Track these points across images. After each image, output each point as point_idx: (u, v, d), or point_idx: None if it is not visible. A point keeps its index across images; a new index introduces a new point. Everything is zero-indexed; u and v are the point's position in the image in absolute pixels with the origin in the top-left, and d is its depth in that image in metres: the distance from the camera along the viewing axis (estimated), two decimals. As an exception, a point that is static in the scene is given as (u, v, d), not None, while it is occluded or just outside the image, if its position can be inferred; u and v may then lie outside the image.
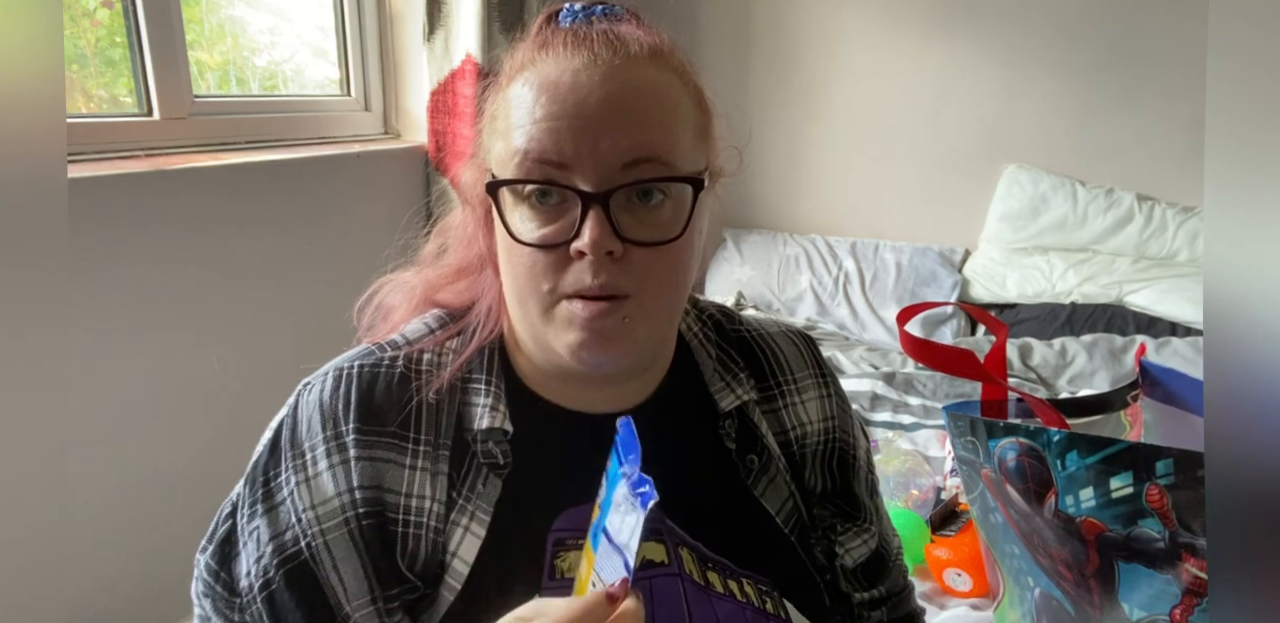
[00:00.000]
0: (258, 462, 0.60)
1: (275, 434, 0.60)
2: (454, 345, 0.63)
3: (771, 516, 0.66)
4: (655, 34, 0.60)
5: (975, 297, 2.61)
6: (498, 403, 0.61)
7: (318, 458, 0.58)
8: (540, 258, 0.55)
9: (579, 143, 0.53)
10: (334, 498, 0.57)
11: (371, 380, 0.60)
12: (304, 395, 0.61)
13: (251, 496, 0.59)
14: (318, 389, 0.60)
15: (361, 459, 0.57)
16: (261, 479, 0.59)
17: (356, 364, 0.61)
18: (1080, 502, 0.48)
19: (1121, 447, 0.46)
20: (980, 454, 0.53)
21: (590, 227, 0.53)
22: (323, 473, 0.57)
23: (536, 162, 0.54)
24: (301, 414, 0.60)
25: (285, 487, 0.58)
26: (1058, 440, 0.48)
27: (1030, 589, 0.55)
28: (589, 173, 0.53)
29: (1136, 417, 0.59)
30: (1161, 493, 0.44)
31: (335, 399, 0.59)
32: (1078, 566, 0.50)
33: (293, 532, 0.57)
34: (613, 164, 0.53)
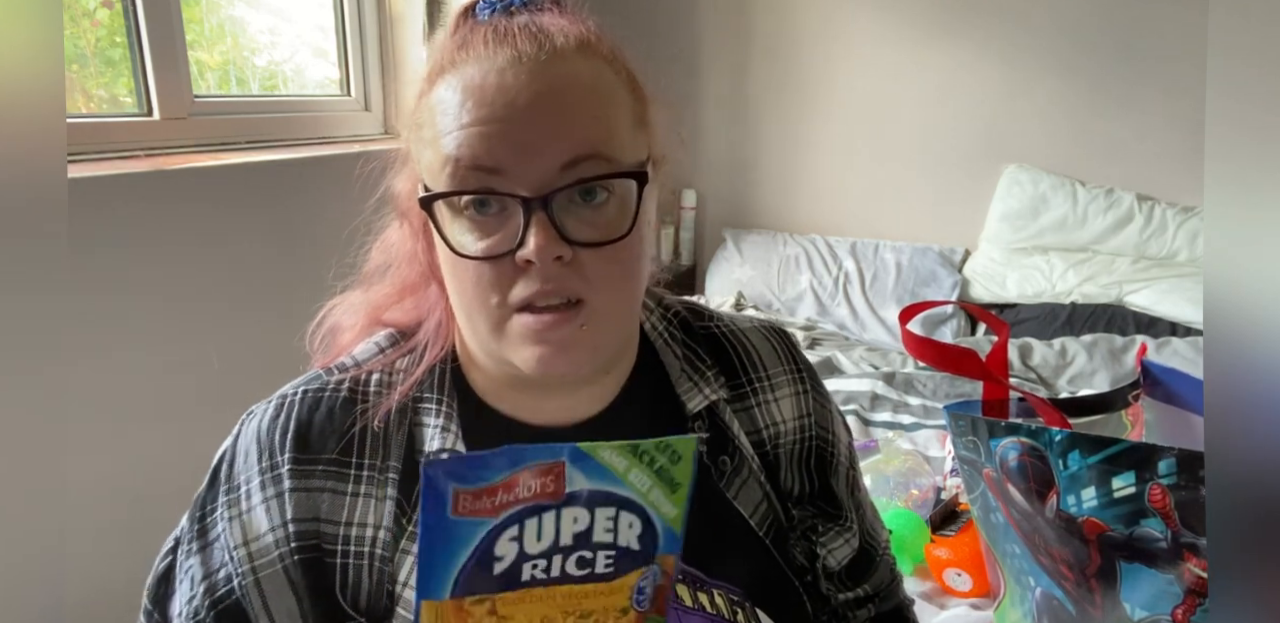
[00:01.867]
0: (199, 496, 0.59)
1: (216, 465, 0.59)
2: (404, 365, 0.61)
3: (745, 518, 0.64)
4: (580, 21, 0.57)
5: (975, 297, 2.61)
6: (449, 423, 0.59)
7: (251, 492, 0.57)
8: (486, 271, 0.52)
9: (512, 146, 0.51)
10: (267, 534, 0.55)
11: (314, 406, 0.59)
12: (246, 424, 0.60)
13: (190, 531, 0.58)
14: (258, 419, 0.59)
15: (297, 491, 0.56)
16: (199, 514, 0.58)
17: (301, 390, 0.60)
18: (1082, 501, 0.48)
19: (1124, 446, 0.46)
20: (982, 454, 0.53)
21: (534, 233, 0.50)
22: (255, 508, 0.56)
23: (470, 169, 0.51)
24: (240, 445, 0.59)
25: (219, 523, 0.57)
26: (1060, 440, 0.48)
27: (1031, 589, 0.55)
28: (526, 177, 0.51)
29: (1138, 416, 0.59)
30: (1164, 493, 0.44)
31: (273, 429, 0.58)
32: (1079, 565, 0.50)
33: (225, 570, 0.55)
34: (550, 165, 0.51)
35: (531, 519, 0.42)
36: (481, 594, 0.43)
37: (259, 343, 1.61)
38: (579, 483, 0.43)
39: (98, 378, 1.39)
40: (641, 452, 0.44)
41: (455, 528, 0.42)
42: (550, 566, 0.44)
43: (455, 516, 0.41)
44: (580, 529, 0.43)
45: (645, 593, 0.46)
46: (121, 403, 1.43)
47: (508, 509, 0.42)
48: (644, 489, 0.44)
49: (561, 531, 0.43)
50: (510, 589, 0.43)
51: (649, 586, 0.47)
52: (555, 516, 0.43)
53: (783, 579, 0.65)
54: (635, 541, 0.45)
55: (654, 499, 0.45)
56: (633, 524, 0.45)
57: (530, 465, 0.42)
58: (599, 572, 0.44)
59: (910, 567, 1.37)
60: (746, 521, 0.64)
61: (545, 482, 0.42)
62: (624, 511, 0.44)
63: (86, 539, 1.38)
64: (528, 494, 0.42)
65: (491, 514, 0.42)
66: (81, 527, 1.38)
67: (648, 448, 0.44)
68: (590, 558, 0.44)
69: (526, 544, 0.43)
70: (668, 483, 0.45)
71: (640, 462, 0.44)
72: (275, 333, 1.60)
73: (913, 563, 1.37)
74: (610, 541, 0.44)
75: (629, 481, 0.44)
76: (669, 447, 0.45)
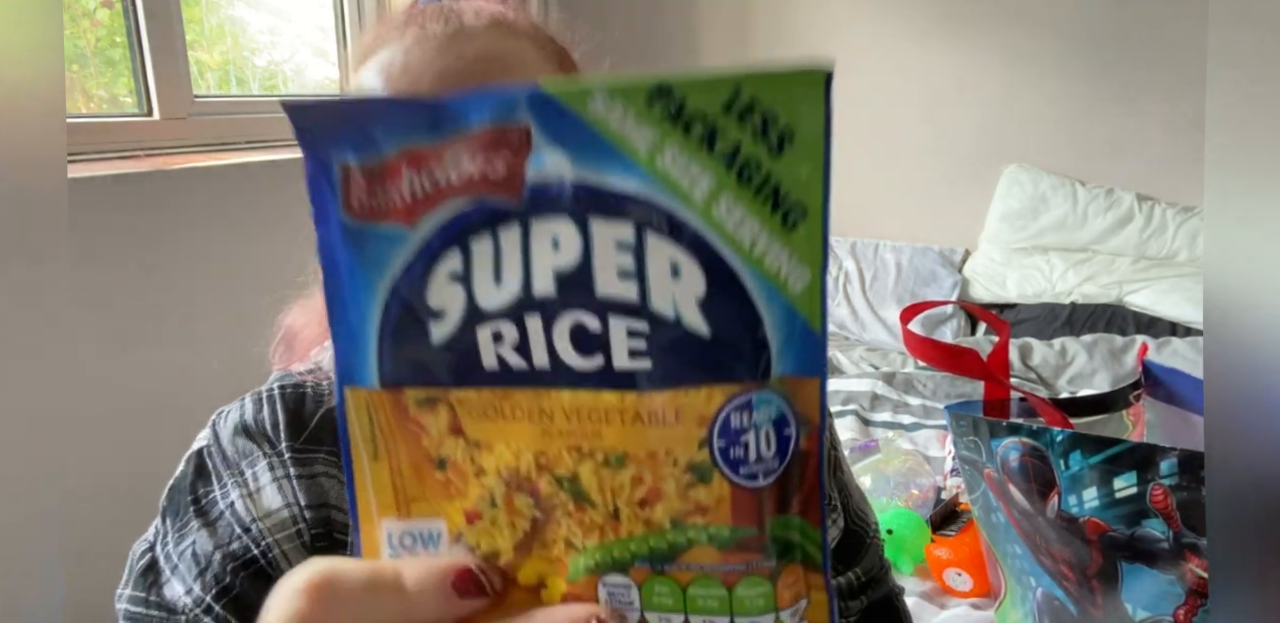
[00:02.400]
0: (178, 488, 0.56)
1: (199, 459, 0.56)
2: None
3: None
4: (502, 2, 0.56)
5: (975, 297, 2.61)
6: None
7: (259, 474, 0.54)
8: None
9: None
10: (283, 509, 0.53)
11: (298, 399, 0.57)
12: (223, 418, 0.57)
13: (178, 520, 0.54)
14: (237, 413, 0.57)
15: (302, 478, 0.54)
16: (187, 501, 0.55)
17: (276, 386, 0.58)
18: (1084, 502, 0.48)
19: (1125, 447, 0.46)
20: (983, 454, 0.53)
21: None
22: (266, 487, 0.54)
23: None
24: (225, 437, 0.56)
25: (222, 501, 0.54)
26: (1061, 440, 0.48)
27: (1032, 589, 0.55)
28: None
29: (1139, 417, 0.59)
30: (1166, 493, 0.44)
31: (261, 420, 0.56)
32: (1080, 566, 0.50)
33: (241, 542, 0.52)
34: None
35: (480, 240, 0.24)
36: (427, 387, 0.25)
37: (258, 343, 1.61)
38: (554, 168, 0.23)
39: (97, 379, 1.39)
40: (681, 104, 0.22)
41: (355, 243, 0.25)
42: (527, 339, 0.24)
43: (349, 216, 0.25)
44: (567, 263, 0.24)
45: (747, 445, 0.24)
46: (122, 403, 1.43)
47: (430, 212, 0.24)
48: (698, 186, 0.23)
49: (534, 263, 0.24)
50: (469, 383, 0.25)
51: (758, 431, 0.24)
52: (520, 233, 0.24)
53: None
54: (695, 309, 0.23)
55: (725, 215, 0.23)
56: (680, 269, 0.23)
57: (464, 127, 0.24)
58: (621, 367, 0.24)
59: (910, 567, 1.37)
60: None
61: (492, 161, 0.24)
62: (654, 235, 0.23)
63: (87, 540, 1.39)
64: (461, 182, 0.24)
65: (407, 220, 0.25)
66: (82, 527, 1.38)
67: (698, 94, 0.22)
68: (600, 330, 0.24)
69: (478, 289, 0.24)
70: (754, 180, 0.23)
71: (679, 128, 0.22)
72: (275, 333, 1.61)
73: (913, 563, 1.37)
74: (633, 298, 0.23)
75: (657, 169, 0.23)
76: (757, 86, 0.22)
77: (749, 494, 0.24)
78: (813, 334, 0.24)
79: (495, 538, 0.26)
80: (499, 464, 0.25)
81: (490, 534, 0.26)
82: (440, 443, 0.26)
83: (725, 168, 0.23)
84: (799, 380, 0.24)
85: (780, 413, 0.24)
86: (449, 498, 0.26)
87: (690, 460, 0.24)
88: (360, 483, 0.27)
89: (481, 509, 0.26)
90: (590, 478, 0.25)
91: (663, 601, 0.25)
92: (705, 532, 0.25)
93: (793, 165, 0.23)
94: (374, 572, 0.25)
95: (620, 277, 0.23)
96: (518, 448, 0.25)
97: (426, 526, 0.27)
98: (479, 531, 0.26)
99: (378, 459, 0.26)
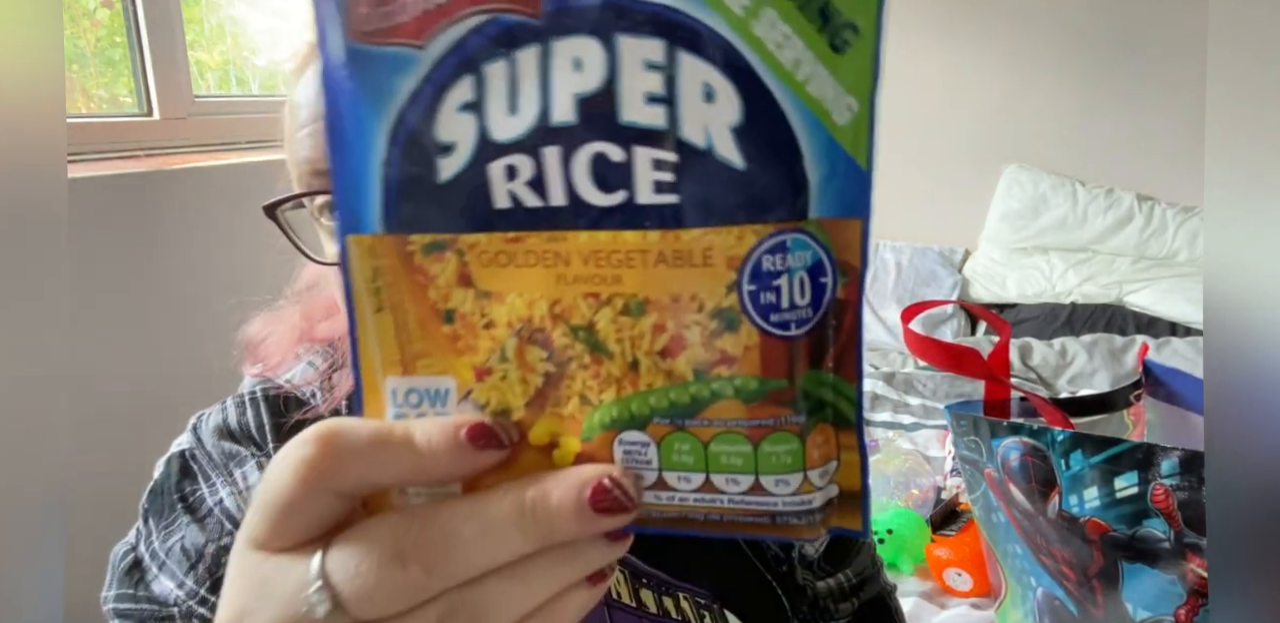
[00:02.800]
0: (160, 489, 0.54)
1: (182, 462, 0.55)
2: (339, 379, 0.59)
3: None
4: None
5: (975, 297, 2.61)
6: None
7: (248, 473, 0.53)
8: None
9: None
10: None
11: (279, 403, 0.56)
12: (202, 425, 0.57)
13: (163, 519, 0.53)
14: (219, 416, 0.56)
15: None
16: (174, 498, 0.53)
17: (259, 389, 0.57)
18: (1084, 502, 0.48)
19: (1126, 446, 0.45)
20: (983, 454, 0.53)
21: None
22: (256, 485, 0.52)
23: (310, 174, 0.48)
24: (208, 440, 0.55)
25: (210, 498, 0.53)
26: (1062, 440, 0.48)
27: (1033, 589, 0.55)
28: None
29: (1140, 416, 0.59)
30: (1167, 493, 0.44)
31: (245, 423, 0.55)
32: (1081, 566, 0.50)
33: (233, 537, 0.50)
34: None
35: (494, 63, 0.22)
36: (434, 232, 0.23)
37: (259, 343, 1.61)
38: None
39: (98, 378, 1.39)
40: None
41: (360, 68, 0.23)
42: (543, 174, 0.22)
43: (353, 38, 0.22)
44: (590, 87, 0.21)
45: (779, 290, 0.22)
46: (122, 403, 1.43)
47: (445, 28, 0.22)
48: (734, 1, 0.21)
49: (554, 88, 0.22)
50: (479, 227, 0.23)
51: (791, 276, 0.22)
52: (539, 53, 0.22)
53: (755, 576, 0.62)
54: (729, 137, 0.21)
55: (767, 32, 0.21)
56: (715, 93, 0.21)
57: None
58: (645, 203, 0.22)
59: (910, 567, 1.37)
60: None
61: None
62: (687, 53, 0.21)
63: (87, 540, 1.38)
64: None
65: (415, 39, 0.22)
66: (82, 528, 1.38)
67: None
68: (624, 161, 0.22)
69: (491, 119, 0.22)
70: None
71: None
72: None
73: (913, 563, 1.37)
74: (661, 125, 0.21)
75: None
76: None
77: (780, 344, 0.23)
78: (858, 171, 0.22)
79: (506, 395, 0.24)
80: (510, 315, 0.23)
81: (500, 391, 0.24)
82: (448, 294, 0.24)
83: None
84: (839, 223, 0.22)
85: (817, 258, 0.23)
86: (457, 353, 0.24)
87: (717, 306, 0.22)
88: (363, 339, 0.25)
89: (491, 364, 0.24)
90: (608, 327, 0.23)
91: (682, 459, 0.23)
92: (731, 384, 0.23)
93: None
94: (382, 427, 0.24)
95: (648, 101, 0.21)
96: (531, 297, 0.23)
97: (433, 383, 0.25)
98: (489, 387, 0.24)
99: (381, 311, 0.24)
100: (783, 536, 0.24)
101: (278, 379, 0.60)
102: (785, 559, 0.65)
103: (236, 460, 0.54)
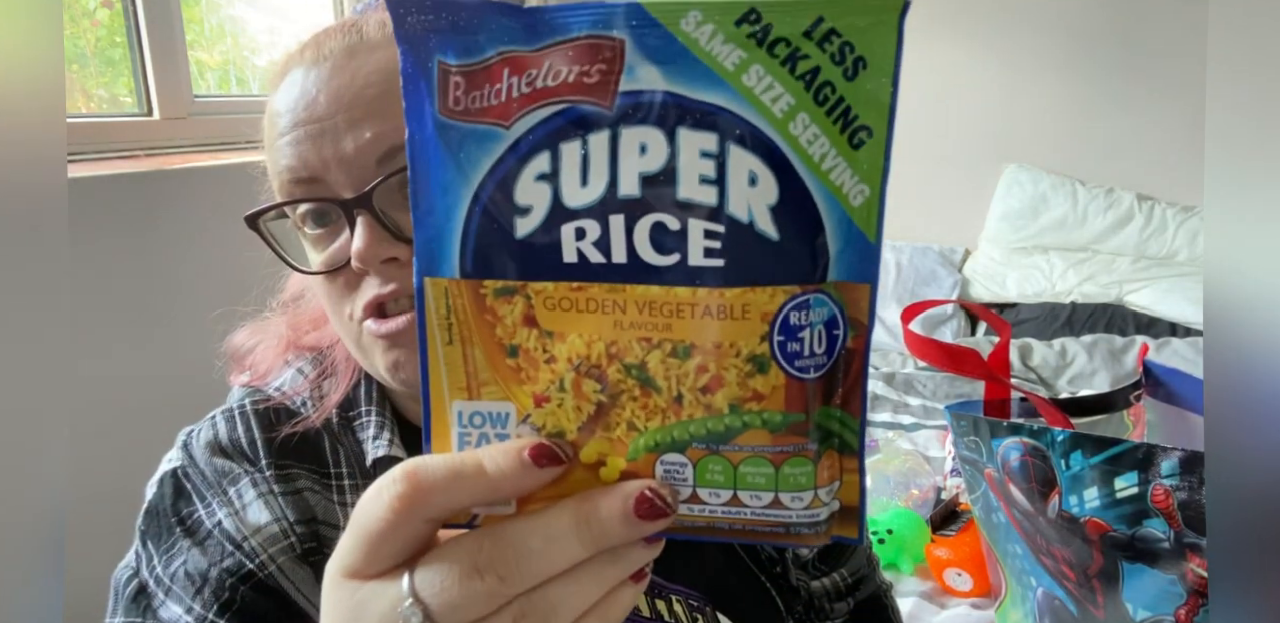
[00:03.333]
0: (156, 510, 0.54)
1: (175, 481, 0.54)
2: (328, 387, 0.59)
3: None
4: (367, 19, 0.52)
5: (975, 297, 2.61)
6: (381, 432, 0.56)
7: (242, 491, 0.53)
8: (332, 286, 0.50)
9: (320, 149, 0.47)
10: (271, 524, 0.52)
11: (270, 416, 0.56)
12: (194, 438, 0.56)
13: (162, 542, 0.52)
14: (209, 431, 0.56)
15: (288, 493, 0.53)
16: (172, 521, 0.53)
17: (248, 402, 0.57)
18: (1084, 502, 0.48)
19: (1126, 446, 0.45)
20: (983, 454, 0.53)
21: (360, 236, 0.46)
22: (252, 503, 0.52)
23: (292, 184, 0.48)
24: (200, 457, 0.55)
25: (209, 520, 0.52)
26: (1062, 440, 0.48)
27: (1033, 589, 0.55)
28: (342, 179, 0.47)
29: (1140, 416, 0.59)
30: (1167, 493, 0.44)
31: (236, 438, 0.55)
32: (1081, 566, 0.50)
33: (235, 559, 0.51)
34: (365, 163, 0.47)
35: (570, 144, 0.26)
36: (506, 280, 0.27)
37: (259, 343, 1.61)
38: (646, 80, 0.25)
39: (98, 378, 1.39)
40: (767, 27, 0.25)
41: (448, 140, 0.27)
42: (608, 237, 0.26)
43: (445, 116, 0.27)
44: (653, 168, 0.26)
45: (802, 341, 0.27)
46: (122, 404, 1.43)
47: (528, 112, 0.26)
48: (778, 104, 0.25)
49: (621, 167, 0.26)
50: (547, 277, 0.27)
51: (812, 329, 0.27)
52: (609, 138, 0.26)
53: (748, 577, 0.63)
54: (766, 215, 0.26)
55: (800, 131, 0.25)
56: (757, 178, 0.26)
57: (562, 37, 0.26)
58: (696, 265, 0.26)
59: (910, 567, 1.37)
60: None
61: (586, 70, 0.26)
62: (736, 146, 0.26)
63: (87, 541, 1.39)
64: (556, 88, 0.26)
65: (502, 120, 0.26)
66: (82, 528, 1.38)
67: (783, 19, 0.25)
68: (679, 230, 0.26)
69: (565, 189, 0.26)
70: (828, 101, 0.25)
71: (765, 50, 0.25)
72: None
73: (913, 563, 1.37)
74: (712, 202, 0.26)
75: (743, 86, 0.25)
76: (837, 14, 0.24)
77: (801, 384, 0.27)
78: (869, 245, 0.27)
79: (561, 419, 0.28)
80: (570, 352, 0.28)
81: (556, 416, 0.28)
82: (513, 332, 0.28)
83: (804, 88, 0.25)
84: (852, 286, 0.27)
85: (833, 314, 0.27)
86: (519, 382, 0.28)
87: (751, 352, 0.27)
88: (434, 365, 0.28)
89: (550, 393, 0.28)
90: (658, 366, 0.27)
91: (715, 477, 0.28)
92: (760, 416, 0.27)
93: (864, 90, 0.25)
94: (454, 458, 0.27)
95: (701, 182, 0.26)
96: (590, 337, 0.27)
97: (496, 407, 0.28)
98: (545, 412, 0.28)
99: (451, 344, 0.28)
100: (794, 542, 0.29)
101: (267, 388, 0.59)
102: (779, 561, 0.65)
103: (229, 478, 0.54)
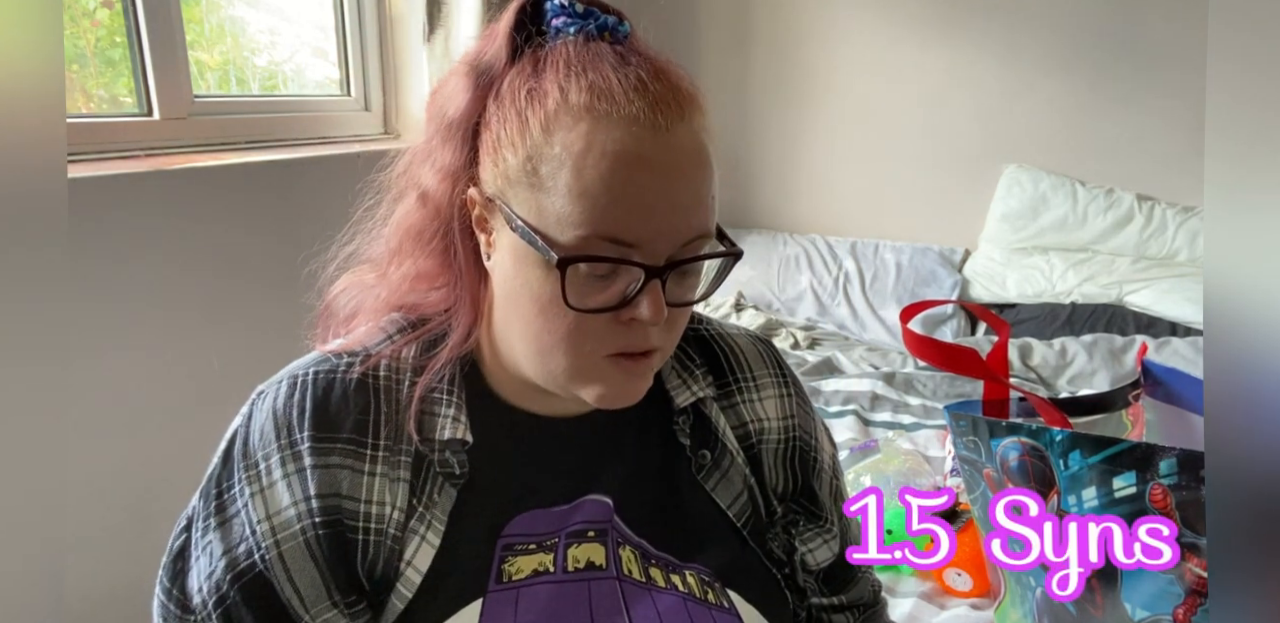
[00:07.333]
0: (212, 474, 0.59)
1: (229, 444, 0.59)
2: (411, 353, 0.62)
3: (722, 509, 0.66)
4: (682, 75, 0.56)
5: (975, 297, 2.61)
6: (459, 414, 0.60)
7: (272, 468, 0.57)
8: (586, 321, 0.55)
9: (651, 224, 0.53)
10: (289, 508, 0.56)
11: (328, 387, 0.59)
12: (258, 404, 0.60)
13: (205, 509, 0.58)
14: (271, 397, 0.60)
15: (317, 468, 0.57)
16: (215, 492, 0.58)
17: (312, 371, 0.60)
18: (1083, 501, 0.48)
19: (1125, 446, 0.46)
20: (982, 454, 0.53)
21: (651, 300, 0.53)
22: (277, 483, 0.57)
23: (605, 241, 0.53)
24: (255, 423, 0.59)
25: (239, 499, 0.57)
26: (1060, 440, 0.48)
27: (1032, 589, 0.55)
28: (656, 251, 0.53)
29: (1138, 416, 0.59)
30: (1165, 493, 0.44)
31: (289, 406, 0.58)
32: (1079, 565, 0.50)
33: (246, 545, 0.56)
34: (677, 242, 0.54)
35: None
36: None
37: (259, 343, 1.60)
38: None
39: (98, 379, 1.39)
40: None
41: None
42: None
43: None
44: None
45: None
46: (122, 404, 1.43)
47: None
48: None
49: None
50: None
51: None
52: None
53: (758, 566, 0.67)
54: None
55: None
56: None
57: None
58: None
59: (910, 567, 1.37)
60: (723, 512, 0.67)
61: None
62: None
63: (88, 541, 1.38)
64: None
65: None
66: (82, 529, 1.38)
67: None
68: None
69: None
70: None
71: None
72: (276, 333, 1.61)
73: (913, 563, 1.37)
74: None
75: None
76: None
77: None
78: None
79: None
80: None
81: None
82: None
83: None
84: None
85: None
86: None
87: None
88: None
89: None
90: None
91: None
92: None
93: None
94: None
95: None
96: None
97: None
98: None
99: None
100: None
101: (353, 348, 0.62)
102: (787, 562, 0.68)
103: (265, 452, 0.58)
